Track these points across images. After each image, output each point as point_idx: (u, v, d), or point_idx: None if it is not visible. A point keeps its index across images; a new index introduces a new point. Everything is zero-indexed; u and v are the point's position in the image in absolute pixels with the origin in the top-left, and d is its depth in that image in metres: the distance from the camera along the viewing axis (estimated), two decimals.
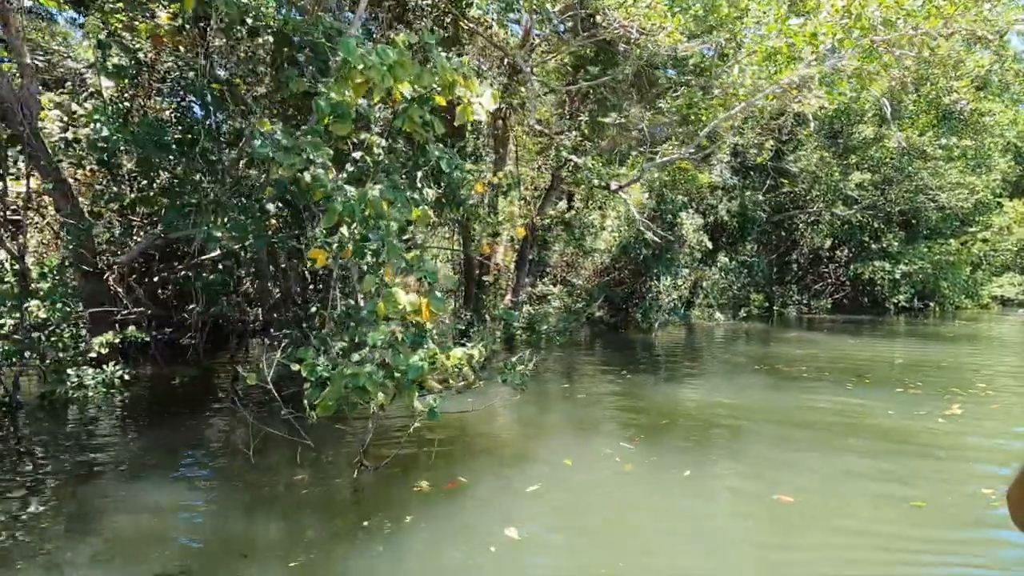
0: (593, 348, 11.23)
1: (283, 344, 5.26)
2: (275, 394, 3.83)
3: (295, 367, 3.66)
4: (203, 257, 7.83)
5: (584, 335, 13.39)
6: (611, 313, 15.86)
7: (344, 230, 4.71)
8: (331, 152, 5.28)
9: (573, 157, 8.83)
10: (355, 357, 3.46)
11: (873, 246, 22.02)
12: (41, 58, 8.55)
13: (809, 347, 11.05)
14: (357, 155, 5.55)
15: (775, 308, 19.89)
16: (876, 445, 4.82)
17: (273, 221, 6.50)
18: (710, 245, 17.36)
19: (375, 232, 4.45)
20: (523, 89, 10.07)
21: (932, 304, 21.10)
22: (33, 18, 9.02)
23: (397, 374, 3.71)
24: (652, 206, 16.19)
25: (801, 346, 11.24)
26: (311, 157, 4.80)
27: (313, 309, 6.37)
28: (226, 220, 5.75)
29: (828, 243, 22.98)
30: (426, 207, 5.51)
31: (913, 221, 21.39)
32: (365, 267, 4.40)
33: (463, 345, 4.30)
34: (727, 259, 18.09)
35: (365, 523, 3.17)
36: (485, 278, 13.47)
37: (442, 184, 6.62)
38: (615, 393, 6.77)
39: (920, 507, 3.62)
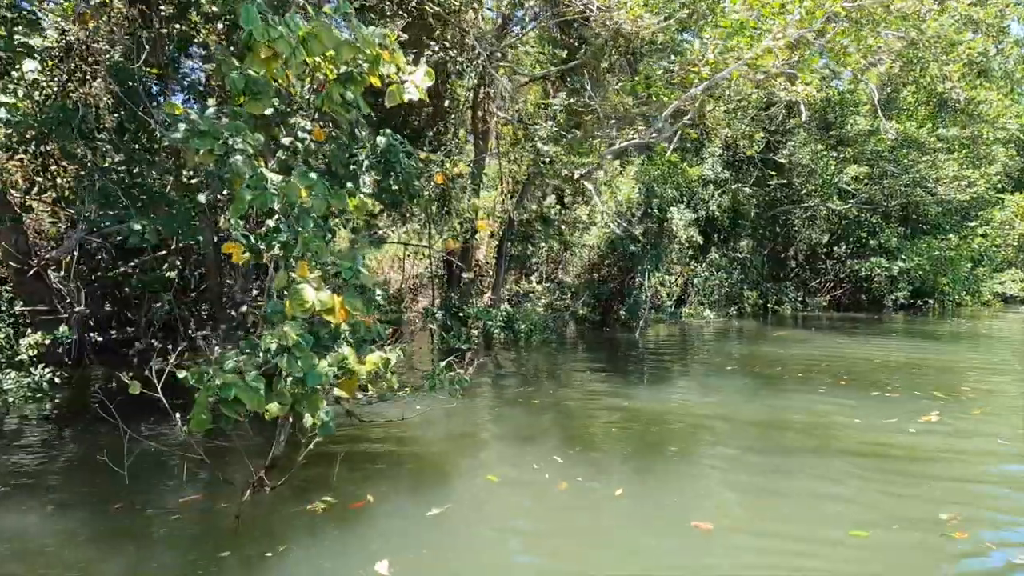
0: (572, 348, 10.80)
1: (213, 345, 4.86)
2: (165, 404, 3.42)
3: (181, 375, 3.24)
4: (162, 252, 7.44)
5: (569, 334, 12.95)
6: (599, 311, 15.43)
7: (270, 221, 4.30)
8: (261, 138, 4.85)
9: (538, 144, 8.39)
10: (228, 364, 3.04)
11: (871, 242, 21.49)
12: None
13: (795, 346, 10.59)
14: (287, 140, 5.13)
15: (770, 306, 19.40)
16: (830, 460, 4.38)
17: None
18: (700, 241, 16.90)
19: (288, 222, 4.04)
20: (499, 78, 9.63)
21: (932, 301, 20.55)
22: None
23: (295, 381, 3.29)
24: (640, 200, 15.74)
25: (787, 345, 10.79)
26: (232, 142, 4.38)
27: (244, 308, 5.96)
28: (152, 213, 5.33)
29: (825, 239, 22.45)
30: (364, 197, 5.10)
31: (914, 216, 20.85)
32: (277, 262, 3.98)
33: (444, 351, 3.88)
34: (718, 255, 17.60)
35: (225, 554, 2.76)
36: (464, 275, 13.06)
37: (392, 174, 6.18)
38: (574, 398, 6.34)
39: (861, 537, 3.17)
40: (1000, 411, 5.75)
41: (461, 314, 10.47)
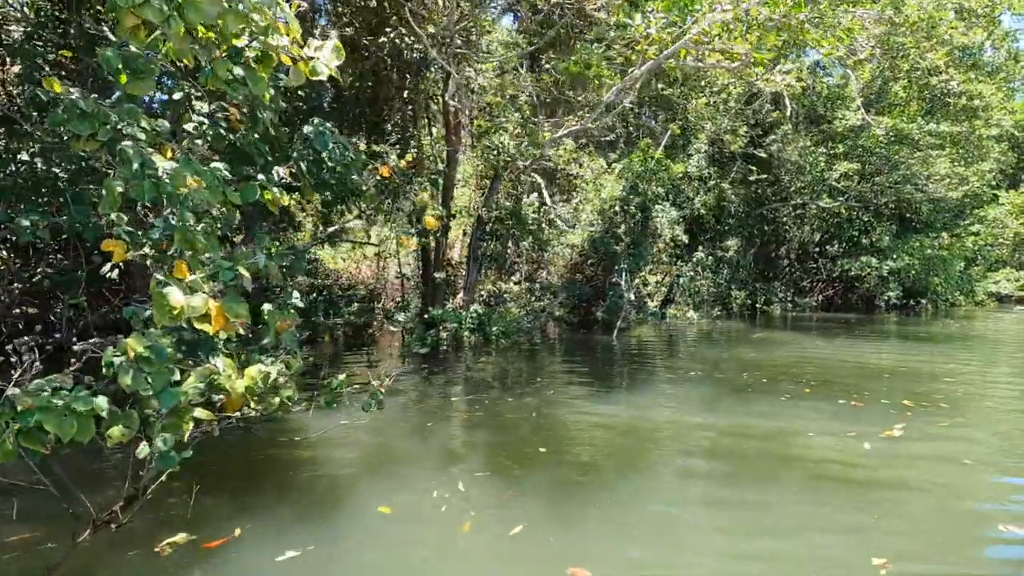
0: (544, 351, 10.31)
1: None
2: None
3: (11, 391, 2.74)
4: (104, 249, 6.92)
5: (548, 336, 12.46)
6: (578, 312, 14.95)
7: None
8: (166, 124, 4.36)
9: (493, 137, 7.89)
10: (35, 384, 2.54)
11: (863, 241, 21.05)
12: None
13: (773, 349, 10.11)
14: (190, 126, 4.64)
15: (758, 306, 18.92)
16: (768, 487, 3.88)
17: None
18: (686, 239, 16.42)
19: (167, 218, 3.54)
20: (469, 69, 9.14)
21: (924, 301, 20.10)
22: None
23: (147, 402, 2.79)
24: (623, 198, 15.27)
25: (765, 348, 10.30)
26: (121, 127, 3.88)
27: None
28: (45, 204, 4.82)
29: (816, 238, 21.99)
30: (276, 190, 4.60)
31: (908, 215, 20.40)
32: (149, 262, 3.47)
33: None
34: (704, 254, 17.13)
35: None
36: (436, 275, 12.57)
37: (324, 165, 5.68)
38: (518, 409, 5.87)
39: None
40: (970, 423, 5.27)
41: (426, 316, 9.97)
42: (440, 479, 3.78)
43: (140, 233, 3.55)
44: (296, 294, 4.62)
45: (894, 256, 18.47)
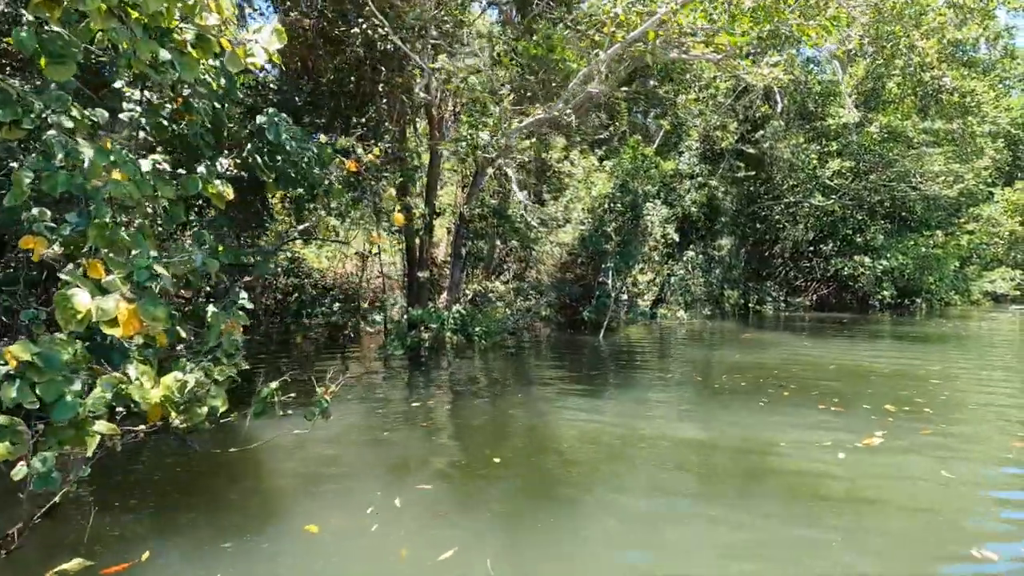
0: (527, 352, 10.05)
1: None
2: None
3: None
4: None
5: (533, 336, 12.20)
6: (566, 312, 14.69)
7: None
8: (105, 113, 4.08)
9: (463, 129, 7.61)
10: None
11: (858, 239, 20.83)
12: None
13: (760, 351, 9.86)
14: (125, 116, 4.36)
15: (751, 306, 18.67)
16: (734, 502, 3.62)
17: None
18: (677, 238, 16.17)
19: (81, 212, 3.27)
20: (445, 61, 8.86)
21: (919, 301, 19.86)
22: None
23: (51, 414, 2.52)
24: (613, 196, 15.01)
25: (752, 350, 10.05)
26: (48, 115, 3.61)
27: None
28: None
29: (810, 236, 21.76)
30: (220, 184, 4.33)
31: (902, 213, 20.18)
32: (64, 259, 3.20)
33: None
34: (695, 253, 16.87)
35: None
36: (419, 274, 12.31)
37: (279, 158, 5.40)
38: (482, 415, 5.60)
39: None
40: (953, 430, 4.99)
41: (406, 316, 9.70)
42: (380, 493, 3.50)
43: (54, 228, 3.28)
44: (244, 295, 4.35)
45: (888, 255, 18.25)
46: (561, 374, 7.91)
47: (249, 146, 5.20)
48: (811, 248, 21.91)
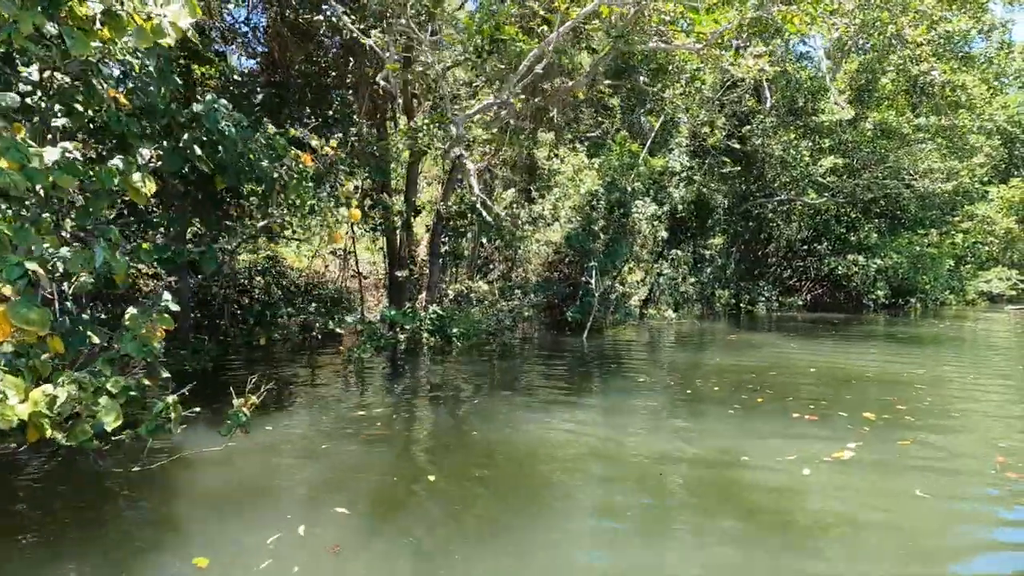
0: (505, 354, 9.73)
1: None
2: None
3: None
4: None
5: (516, 337, 11.89)
6: (552, 312, 14.37)
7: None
8: (15, 97, 3.75)
9: (419, 119, 7.26)
10: None
11: (852, 238, 20.53)
12: None
13: (745, 353, 9.55)
14: (8, 98, 4.02)
15: (742, 306, 18.36)
16: (687, 525, 3.30)
17: None
18: (665, 235, 15.85)
19: None
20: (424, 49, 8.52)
21: (913, 300, 19.56)
22: None
23: None
24: (601, 194, 14.69)
25: (735, 352, 9.73)
26: None
27: None
28: None
29: (804, 235, 21.45)
30: (144, 176, 4.00)
31: (897, 212, 19.88)
32: None
33: None
34: (683, 252, 16.55)
35: None
36: (398, 274, 11.98)
37: (224, 150, 5.07)
38: (433, 423, 5.27)
39: None
40: (932, 440, 4.63)
41: (379, 317, 9.37)
42: (290, 517, 3.16)
43: None
44: (167, 295, 4.02)
45: (882, 254, 17.95)
46: (532, 378, 7.60)
47: (186, 135, 4.86)
48: (805, 247, 21.60)
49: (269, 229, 7.65)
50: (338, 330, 8.76)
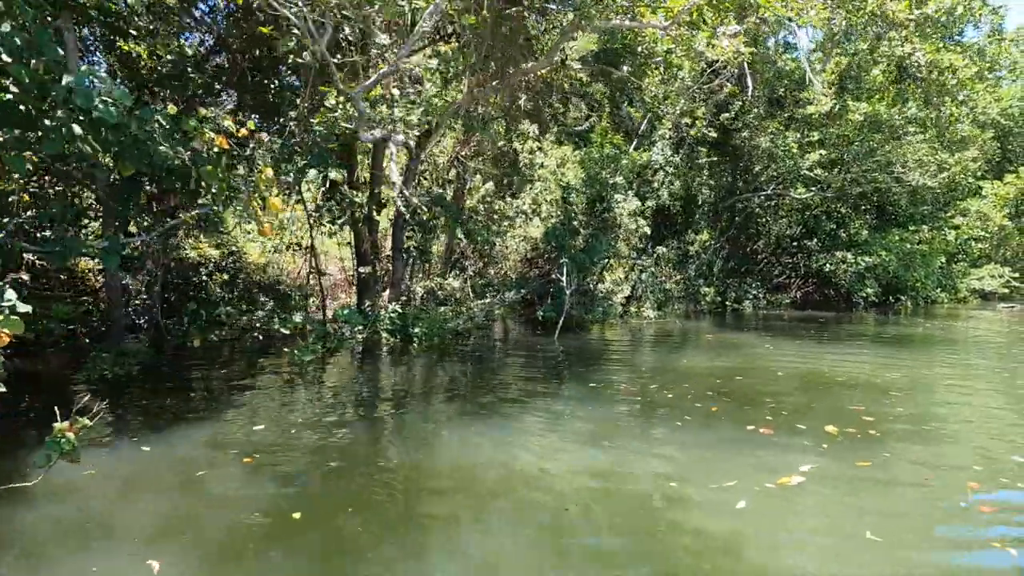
0: (465, 357, 9.20)
1: None
2: None
3: None
4: None
5: (484, 337, 11.36)
6: (531, 311, 13.84)
7: None
8: None
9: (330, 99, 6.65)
10: None
11: (842, 234, 20.02)
12: None
13: (719, 355, 9.03)
14: None
15: (728, 304, 17.84)
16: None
17: None
18: (648, 231, 15.31)
19: None
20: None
21: (904, 299, 19.06)
22: None
23: None
24: (576, 188, 14.15)
25: (709, 353, 9.21)
26: None
27: None
28: None
29: (794, 231, 20.93)
30: (18, 155, 3.45)
31: (887, 207, 19.36)
32: None
33: None
34: (666, 249, 16.02)
35: None
36: (361, 270, 11.44)
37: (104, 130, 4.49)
38: (326, 448, 4.63)
39: None
40: (899, 461, 4.08)
41: (323, 317, 8.82)
42: (94, 571, 2.60)
43: None
44: (11, 294, 3.46)
45: (871, 251, 17.44)
46: (484, 383, 7.06)
47: (60, 113, 4.29)
48: (795, 243, 21.08)
49: (203, 219, 7.07)
50: (283, 331, 8.19)
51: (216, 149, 5.35)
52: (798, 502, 3.48)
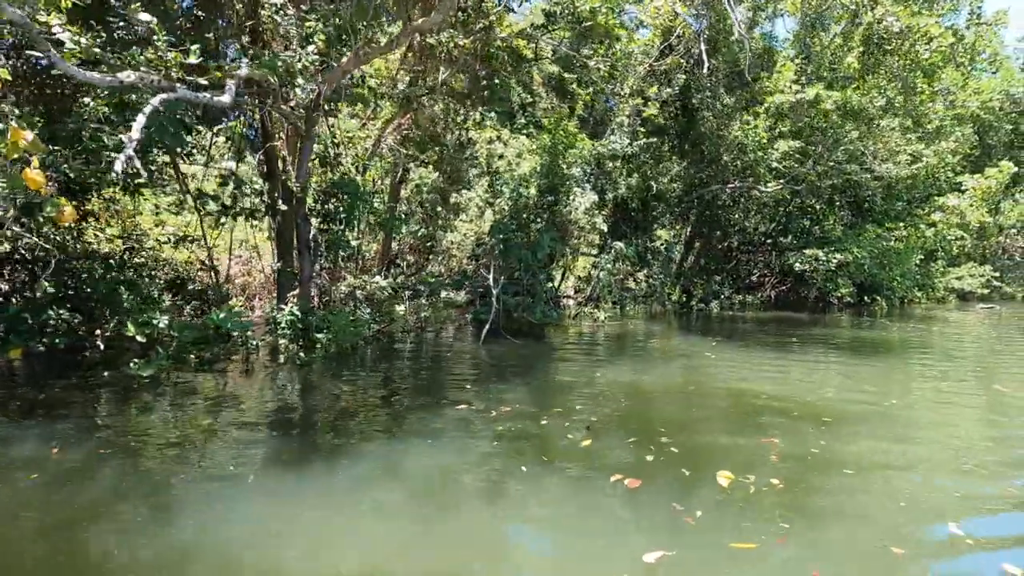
0: (368, 366, 8.00)
1: None
2: None
3: None
4: None
5: (407, 340, 10.15)
6: (457, 314, 12.65)
7: None
8: None
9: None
10: None
11: (816, 231, 19.06)
12: None
13: (648, 366, 7.86)
14: None
15: (694, 304, 16.76)
16: None
17: None
18: (604, 228, 14.17)
19: None
20: None
21: (879, 299, 18.11)
22: None
23: None
24: (524, 179, 12.97)
25: (640, 365, 8.01)
26: None
27: None
28: None
29: (765, 228, 19.92)
30: None
31: (862, 202, 18.40)
32: None
33: None
34: (624, 245, 14.88)
35: None
36: (274, 266, 10.17)
37: None
38: (153, 482, 3.54)
39: None
40: (798, 532, 2.88)
41: (193, 321, 7.56)
42: None
43: None
44: None
45: (844, 248, 16.44)
46: (351, 405, 5.81)
47: None
48: (768, 241, 20.04)
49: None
50: (139, 338, 6.90)
51: None
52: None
